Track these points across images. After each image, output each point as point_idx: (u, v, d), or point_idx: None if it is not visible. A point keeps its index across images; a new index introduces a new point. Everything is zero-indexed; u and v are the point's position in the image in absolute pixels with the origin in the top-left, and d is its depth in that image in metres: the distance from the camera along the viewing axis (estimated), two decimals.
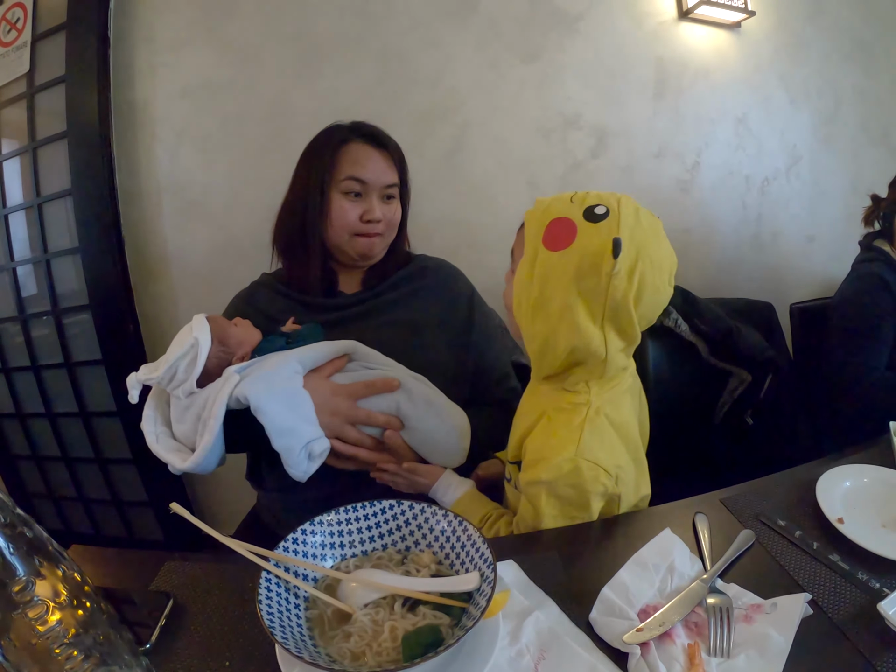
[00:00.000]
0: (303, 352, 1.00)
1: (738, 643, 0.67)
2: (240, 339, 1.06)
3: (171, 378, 0.99)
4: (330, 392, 0.99)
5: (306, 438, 0.92)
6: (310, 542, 0.70)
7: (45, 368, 1.99)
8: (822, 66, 2.34)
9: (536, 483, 0.84)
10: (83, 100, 1.75)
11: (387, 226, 1.21)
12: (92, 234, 1.81)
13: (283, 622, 0.60)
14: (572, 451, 0.82)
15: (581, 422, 0.84)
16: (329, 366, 1.02)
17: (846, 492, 0.95)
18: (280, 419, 0.90)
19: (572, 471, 0.82)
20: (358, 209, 1.17)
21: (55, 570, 0.53)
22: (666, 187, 2.16)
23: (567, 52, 1.96)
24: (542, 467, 0.83)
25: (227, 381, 0.95)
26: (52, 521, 2.19)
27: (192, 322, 1.03)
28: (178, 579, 0.84)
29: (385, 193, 1.19)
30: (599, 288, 0.76)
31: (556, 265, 0.78)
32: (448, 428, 1.02)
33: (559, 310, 0.79)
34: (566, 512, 0.86)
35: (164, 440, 1.00)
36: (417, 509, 0.74)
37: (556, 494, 0.84)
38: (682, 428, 1.59)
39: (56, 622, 0.51)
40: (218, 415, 0.92)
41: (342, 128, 1.21)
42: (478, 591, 0.62)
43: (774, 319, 1.85)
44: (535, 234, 0.80)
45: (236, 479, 2.02)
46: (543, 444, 0.86)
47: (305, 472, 0.93)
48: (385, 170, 1.18)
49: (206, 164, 1.87)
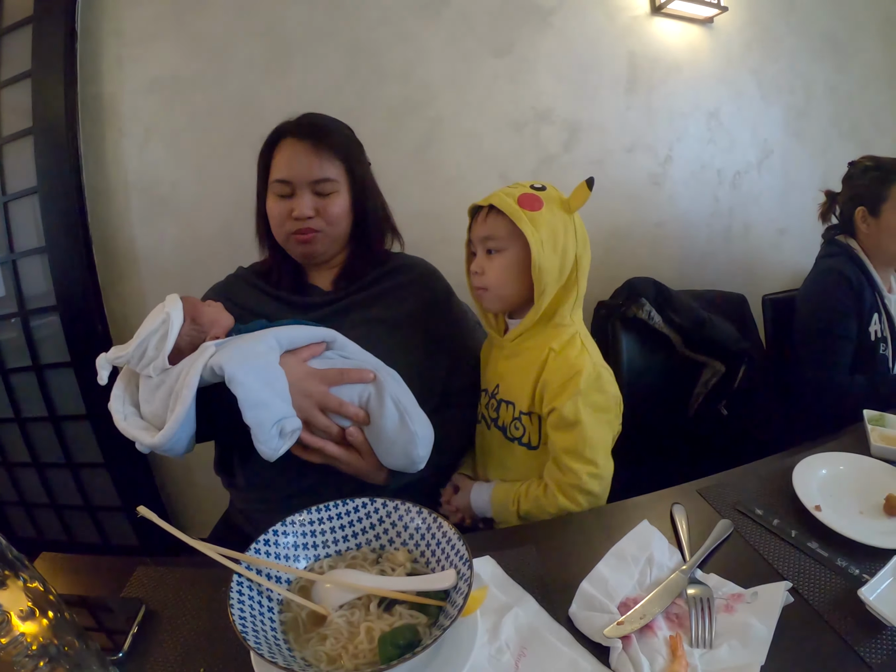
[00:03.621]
0: (281, 331, 0.98)
1: (719, 633, 0.68)
2: (212, 318, 1.03)
3: (141, 355, 0.96)
4: (304, 374, 0.97)
5: (279, 415, 0.89)
6: (282, 542, 0.69)
7: (12, 372, 1.94)
8: (793, 61, 2.37)
9: (574, 396, 0.99)
10: (49, 95, 1.70)
11: (326, 222, 1.17)
12: (59, 233, 1.77)
13: (257, 626, 0.58)
14: (591, 363, 1.02)
15: (581, 343, 1.04)
16: (306, 349, 1.00)
17: (823, 480, 0.97)
18: (254, 392, 0.88)
19: (598, 376, 1.02)
20: (287, 208, 1.15)
21: (16, 580, 0.51)
22: (638, 181, 2.18)
23: (539, 46, 1.96)
24: (575, 381, 0.99)
25: (203, 351, 0.93)
26: (24, 529, 2.14)
27: (165, 300, 1.01)
28: (151, 585, 0.83)
29: (316, 189, 1.15)
30: (571, 226, 1.03)
31: (546, 217, 1.00)
32: (409, 432, 0.99)
33: (563, 244, 1.01)
34: (599, 418, 1.02)
35: (133, 419, 0.96)
36: (391, 507, 0.73)
37: (589, 402, 1.00)
38: (656, 419, 1.60)
39: (19, 633, 0.49)
40: (191, 384, 0.89)
41: (282, 125, 1.19)
42: (454, 588, 0.61)
43: (747, 311, 1.88)
44: (514, 207, 1.00)
45: (209, 484, 2.00)
46: (565, 368, 1.01)
47: (275, 450, 0.90)
48: (313, 164, 1.13)
49: (174, 159, 1.83)
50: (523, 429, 1.08)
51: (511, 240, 1.02)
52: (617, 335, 1.57)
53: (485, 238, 1.05)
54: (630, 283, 1.63)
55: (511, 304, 1.10)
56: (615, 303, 1.60)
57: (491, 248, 1.05)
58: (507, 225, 1.01)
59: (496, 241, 1.04)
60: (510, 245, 1.03)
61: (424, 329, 1.22)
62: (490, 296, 1.08)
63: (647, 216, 2.20)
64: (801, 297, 1.72)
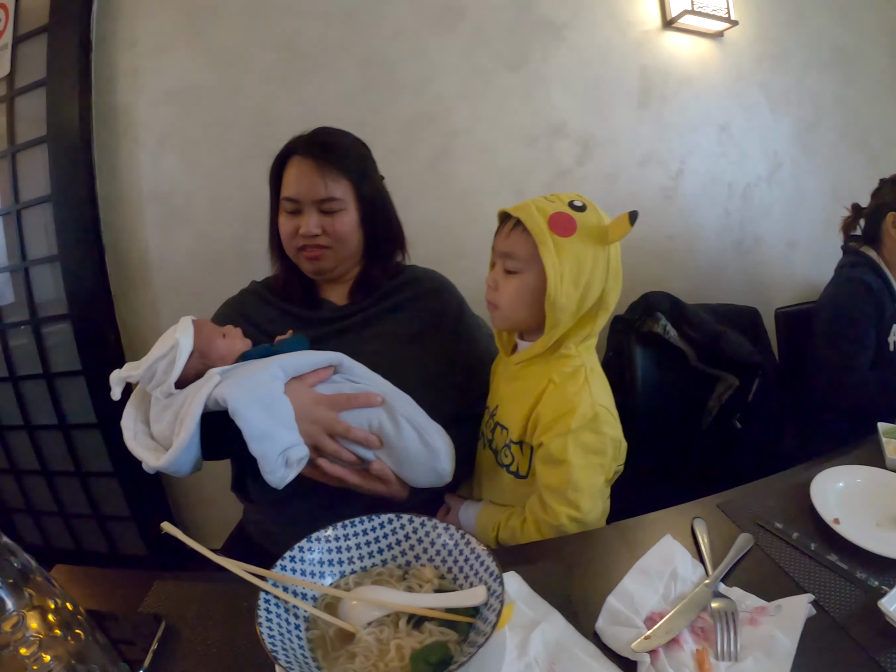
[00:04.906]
0: (285, 358, 0.98)
1: (744, 646, 0.68)
2: (222, 354, 1.03)
3: (150, 377, 0.98)
4: (311, 400, 0.96)
5: (284, 445, 0.89)
6: (307, 559, 0.68)
7: (23, 379, 1.95)
8: (802, 74, 2.38)
9: (564, 434, 0.93)
10: (64, 103, 1.72)
11: (333, 239, 1.16)
12: (72, 242, 1.78)
13: (285, 644, 0.58)
14: (589, 401, 0.94)
15: (584, 378, 0.97)
16: (313, 375, 1.00)
17: (840, 493, 0.97)
18: (257, 424, 0.88)
19: (594, 417, 0.94)
20: (294, 225, 1.16)
21: (46, 601, 0.50)
22: (650, 194, 2.18)
23: (553, 60, 1.97)
24: (566, 419, 0.93)
25: (207, 380, 0.93)
26: (33, 537, 2.14)
27: (178, 324, 1.02)
28: (169, 600, 0.82)
29: (322, 208, 1.15)
30: (603, 259, 0.94)
31: (574, 246, 0.92)
32: (431, 449, 0.99)
33: (588, 278, 0.93)
34: (590, 460, 0.95)
35: (142, 438, 0.97)
36: (417, 523, 0.72)
37: (580, 443, 0.94)
38: (670, 433, 1.60)
39: (51, 660, 0.48)
40: (195, 413, 0.89)
41: (293, 142, 1.19)
42: (485, 605, 0.61)
43: (760, 324, 1.87)
44: (542, 228, 0.92)
45: (220, 494, 2.00)
46: (560, 403, 0.95)
47: (282, 479, 0.90)
48: (318, 184, 1.12)
49: (188, 170, 1.84)
50: (512, 457, 1.04)
51: (530, 263, 0.95)
52: (632, 349, 1.57)
53: (504, 255, 0.99)
54: (646, 297, 1.63)
55: (521, 327, 1.05)
56: (632, 317, 1.60)
57: (509, 268, 0.98)
58: (529, 246, 0.93)
59: (515, 262, 0.97)
60: (529, 268, 0.95)
61: (438, 342, 1.21)
62: (499, 315, 1.02)
63: (659, 229, 2.20)
64: (820, 304, 1.73)
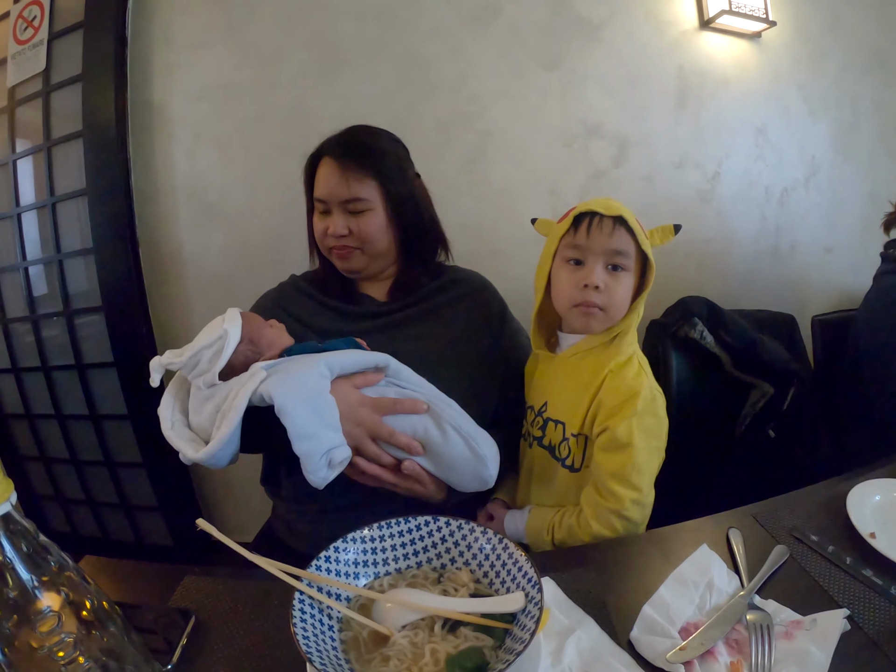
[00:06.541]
0: (332, 357, 0.97)
1: (779, 660, 0.67)
2: (271, 341, 1.04)
3: (193, 366, 0.98)
4: (357, 402, 0.96)
5: (328, 445, 0.89)
6: (342, 559, 0.68)
7: (55, 369, 1.98)
8: (840, 76, 2.32)
9: (630, 417, 0.95)
10: (99, 99, 1.74)
11: (360, 239, 1.16)
12: (106, 235, 1.81)
13: (319, 645, 0.57)
14: (648, 384, 1.00)
15: (639, 365, 1.02)
16: (361, 377, 0.99)
17: (877, 506, 0.95)
18: (303, 423, 0.87)
19: (653, 399, 0.99)
20: (325, 225, 1.17)
21: (83, 600, 0.49)
22: (687, 197, 2.14)
23: (589, 59, 1.94)
24: (632, 402, 0.96)
25: (253, 376, 0.92)
26: (60, 524, 2.16)
27: (225, 314, 1.02)
28: (199, 595, 0.82)
29: (348, 209, 1.15)
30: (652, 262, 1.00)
31: None
32: (478, 456, 0.98)
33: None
34: (650, 443, 0.99)
35: (180, 428, 0.97)
36: (454, 526, 0.71)
37: (643, 426, 0.97)
38: (704, 440, 1.57)
39: (85, 661, 0.47)
40: (239, 408, 0.89)
41: (324, 143, 1.20)
42: (523, 611, 0.60)
43: (796, 331, 1.83)
44: (640, 229, 0.98)
45: (247, 486, 2.02)
46: (623, 388, 0.98)
47: (324, 479, 0.89)
48: (342, 185, 1.13)
49: (223, 165, 1.86)
50: (569, 450, 1.04)
51: (635, 260, 0.99)
52: (668, 354, 1.54)
53: (615, 252, 0.98)
54: (683, 301, 1.60)
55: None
56: (668, 321, 1.57)
57: (619, 264, 0.98)
58: (633, 243, 0.98)
59: (626, 259, 0.98)
60: (633, 266, 0.99)
61: (479, 345, 1.20)
62: (604, 317, 1.01)
63: (696, 233, 2.16)
64: (865, 317, 1.64)
